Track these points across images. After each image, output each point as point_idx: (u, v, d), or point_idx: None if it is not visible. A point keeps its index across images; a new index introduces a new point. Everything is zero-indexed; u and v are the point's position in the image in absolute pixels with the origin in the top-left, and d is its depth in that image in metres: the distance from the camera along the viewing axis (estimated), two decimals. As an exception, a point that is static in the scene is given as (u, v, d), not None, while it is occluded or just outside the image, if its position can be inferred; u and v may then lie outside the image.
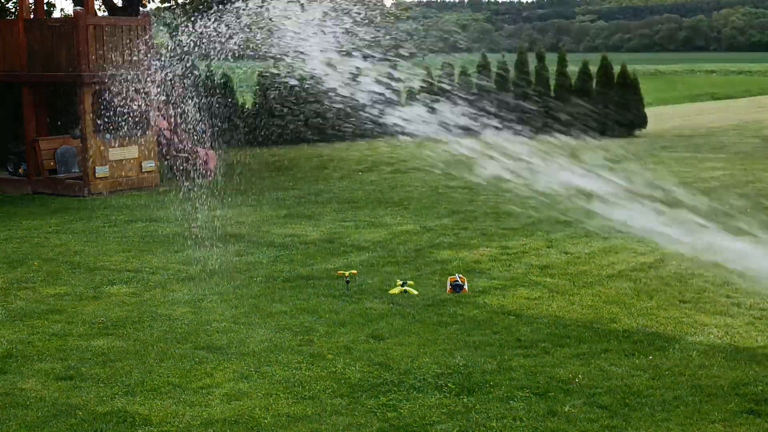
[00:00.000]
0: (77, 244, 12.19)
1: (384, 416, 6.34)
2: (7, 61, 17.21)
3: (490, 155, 10.29)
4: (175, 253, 11.55)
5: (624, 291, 9.56)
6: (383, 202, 15.40)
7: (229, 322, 8.57)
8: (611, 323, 8.43)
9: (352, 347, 7.79)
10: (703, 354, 7.55)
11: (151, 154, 17.49)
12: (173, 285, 9.97)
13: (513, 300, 9.25)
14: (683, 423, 6.20)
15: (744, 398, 6.60)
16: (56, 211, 14.94)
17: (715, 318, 8.58)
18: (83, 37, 16.30)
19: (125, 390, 6.88)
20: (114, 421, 6.32)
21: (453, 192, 16.45)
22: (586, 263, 10.82)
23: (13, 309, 9.13)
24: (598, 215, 10.49)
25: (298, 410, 6.47)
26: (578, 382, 6.91)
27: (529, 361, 7.41)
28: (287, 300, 9.30)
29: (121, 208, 15.12)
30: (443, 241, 12.17)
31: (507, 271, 10.50)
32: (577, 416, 6.30)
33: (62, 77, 16.90)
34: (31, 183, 17.10)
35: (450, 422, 6.24)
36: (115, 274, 10.48)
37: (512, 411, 6.41)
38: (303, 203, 15.32)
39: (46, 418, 6.40)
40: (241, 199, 15.38)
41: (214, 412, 6.44)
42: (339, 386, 6.91)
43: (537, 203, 11.89)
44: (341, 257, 11.23)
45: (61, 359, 7.59)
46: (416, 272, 10.40)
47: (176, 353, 7.69)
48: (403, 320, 8.56)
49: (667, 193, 12.75)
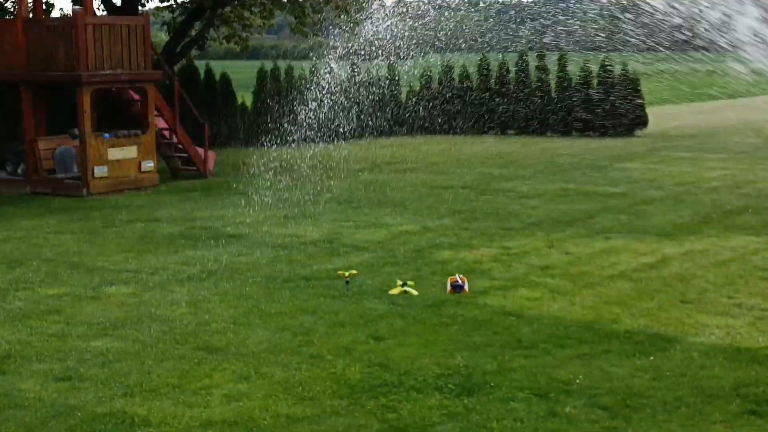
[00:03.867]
0: (76, 245, 12.16)
1: (384, 417, 6.31)
2: (6, 60, 17.18)
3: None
4: (174, 254, 11.52)
5: (625, 291, 9.53)
6: (383, 202, 15.37)
7: (229, 322, 8.54)
8: (612, 324, 8.40)
9: (352, 348, 7.76)
10: (705, 355, 7.52)
11: (150, 155, 17.46)
12: (172, 285, 9.94)
13: (514, 300, 9.22)
14: (684, 424, 6.17)
15: (745, 399, 6.57)
16: (55, 211, 14.91)
17: (716, 319, 8.55)
18: (82, 37, 16.27)
19: (124, 391, 6.85)
20: (113, 422, 6.29)
21: (453, 192, 16.43)
22: (587, 264, 10.79)
23: (12, 309, 9.10)
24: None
25: (297, 411, 6.44)
26: (579, 383, 6.88)
27: (529, 361, 7.38)
28: (287, 300, 9.27)
29: (120, 208, 15.09)
30: (443, 241, 12.14)
31: (508, 271, 10.47)
32: (578, 417, 6.27)
33: (61, 77, 16.87)
34: (29, 183, 17.07)
35: (450, 423, 6.21)
36: (114, 275, 10.45)
37: (513, 412, 6.38)
38: (303, 203, 15.30)
39: (44, 418, 6.37)
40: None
41: (214, 413, 6.41)
42: (339, 387, 6.88)
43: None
44: (341, 257, 11.20)
45: (59, 360, 7.56)
46: (416, 272, 10.37)
47: (175, 354, 7.66)
48: (403, 321, 8.53)
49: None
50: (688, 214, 14.01)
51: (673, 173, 18.71)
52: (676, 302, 9.12)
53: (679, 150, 23.12)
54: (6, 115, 19.23)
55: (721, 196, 15.74)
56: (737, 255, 11.15)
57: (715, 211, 14.17)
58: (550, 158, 21.45)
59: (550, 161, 20.86)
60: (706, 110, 37.06)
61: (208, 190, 17.00)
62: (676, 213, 14.06)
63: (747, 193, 15.98)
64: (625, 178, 17.93)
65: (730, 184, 17.03)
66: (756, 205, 14.64)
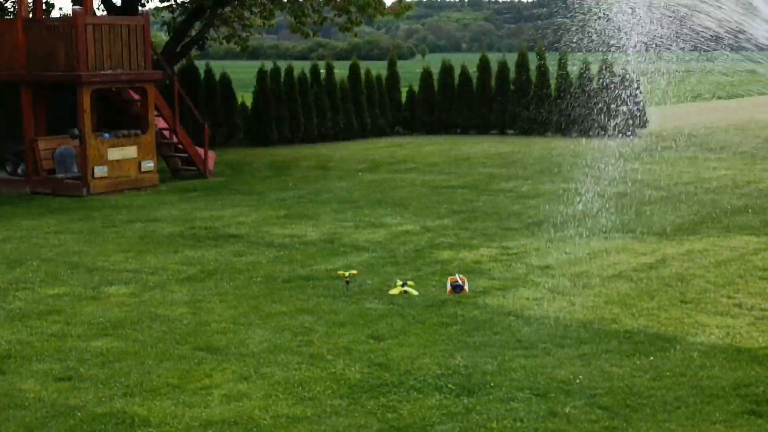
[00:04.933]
0: (76, 245, 12.16)
1: (384, 417, 6.32)
2: (6, 60, 17.18)
3: None
4: (174, 254, 11.52)
5: (625, 291, 9.53)
6: (383, 202, 15.37)
7: (229, 322, 8.54)
8: (612, 324, 8.40)
9: (352, 348, 7.76)
10: (705, 355, 7.52)
11: (150, 154, 17.46)
12: (172, 285, 9.94)
13: (513, 300, 9.22)
14: (684, 424, 6.17)
15: (745, 399, 6.57)
16: (55, 211, 14.91)
17: (716, 318, 8.55)
18: (82, 37, 16.27)
19: (124, 391, 6.85)
20: (113, 422, 6.29)
21: (453, 192, 16.44)
22: (587, 263, 10.79)
23: (12, 309, 9.10)
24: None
25: (297, 411, 6.44)
26: (579, 383, 6.88)
27: (529, 361, 7.38)
28: (287, 300, 9.27)
29: (120, 208, 15.09)
30: (443, 241, 12.14)
31: (507, 271, 10.47)
32: (578, 417, 6.28)
33: (61, 77, 16.87)
34: (29, 183, 17.07)
35: (450, 423, 6.22)
36: (114, 275, 10.45)
37: (513, 412, 6.38)
38: (303, 203, 15.30)
39: (44, 419, 6.37)
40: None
41: (213, 413, 6.41)
42: (339, 387, 6.88)
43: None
44: (341, 257, 11.20)
45: (59, 360, 7.56)
46: (416, 272, 10.37)
47: (175, 354, 7.66)
48: (403, 321, 8.54)
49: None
50: (688, 214, 14.01)
51: (673, 173, 18.70)
52: (675, 302, 9.12)
53: (679, 150, 23.12)
54: (6, 115, 19.24)
55: (721, 196, 15.74)
56: (737, 255, 11.15)
57: (715, 211, 14.17)
58: (550, 158, 21.45)
59: (550, 161, 20.86)
60: (706, 110, 37.05)
61: (208, 190, 17.00)
62: (676, 213, 14.06)
63: (747, 193, 15.98)
64: (625, 178, 17.92)
65: (730, 184, 17.03)
66: (756, 205, 14.65)
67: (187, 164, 18.95)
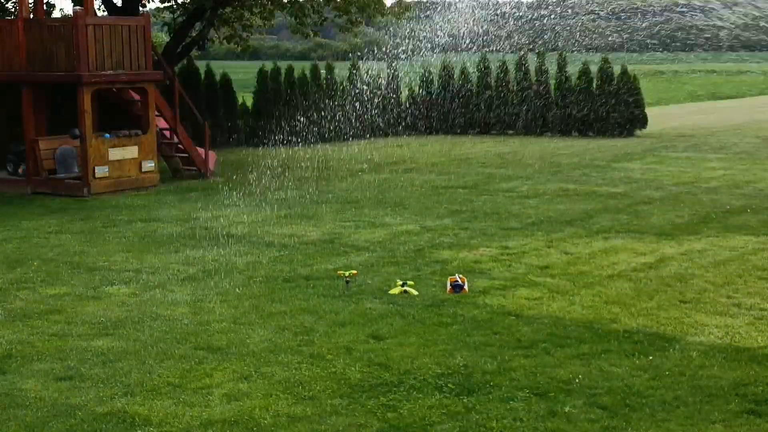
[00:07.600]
0: (77, 245, 12.18)
1: (384, 416, 6.34)
2: (7, 60, 17.19)
3: None
4: (174, 253, 11.54)
5: (624, 291, 9.55)
6: (383, 202, 15.39)
7: (229, 322, 8.56)
8: (611, 323, 8.42)
9: (352, 347, 7.78)
10: (704, 354, 7.54)
11: (150, 155, 17.47)
12: (173, 285, 9.96)
13: (513, 300, 9.24)
14: (683, 423, 6.19)
15: (744, 399, 6.59)
16: (56, 211, 14.93)
17: (715, 318, 8.57)
18: (83, 37, 16.29)
19: (125, 390, 6.87)
20: (113, 421, 6.31)
21: (453, 192, 16.45)
22: (587, 263, 10.81)
23: (13, 309, 9.12)
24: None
25: (297, 410, 6.46)
26: (578, 383, 6.90)
27: (529, 361, 7.40)
28: (287, 300, 9.29)
29: (120, 208, 15.11)
30: (443, 241, 12.16)
31: (507, 271, 10.49)
32: (578, 417, 6.29)
33: (61, 77, 16.89)
34: (30, 183, 17.09)
35: (450, 423, 6.23)
36: (114, 275, 10.47)
37: (512, 411, 6.40)
38: (303, 203, 15.32)
39: (45, 418, 6.39)
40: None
41: (214, 413, 6.43)
42: (339, 386, 6.90)
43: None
44: (341, 257, 11.22)
45: (60, 359, 7.58)
46: (416, 272, 10.39)
47: (176, 353, 7.68)
48: (403, 320, 8.56)
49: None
50: (688, 214, 14.02)
51: (673, 173, 18.72)
52: (675, 302, 9.14)
53: (679, 150, 23.13)
54: (7, 115, 19.24)
55: (721, 196, 15.75)
56: (736, 255, 11.17)
57: (715, 211, 14.18)
58: (550, 158, 21.46)
59: (550, 161, 20.87)
60: (706, 110, 37.07)
61: (208, 190, 17.01)
62: (676, 213, 14.07)
63: (746, 193, 16.00)
64: (625, 178, 17.95)
65: (730, 184, 17.05)
66: (755, 205, 14.66)
67: (188, 164, 18.96)
